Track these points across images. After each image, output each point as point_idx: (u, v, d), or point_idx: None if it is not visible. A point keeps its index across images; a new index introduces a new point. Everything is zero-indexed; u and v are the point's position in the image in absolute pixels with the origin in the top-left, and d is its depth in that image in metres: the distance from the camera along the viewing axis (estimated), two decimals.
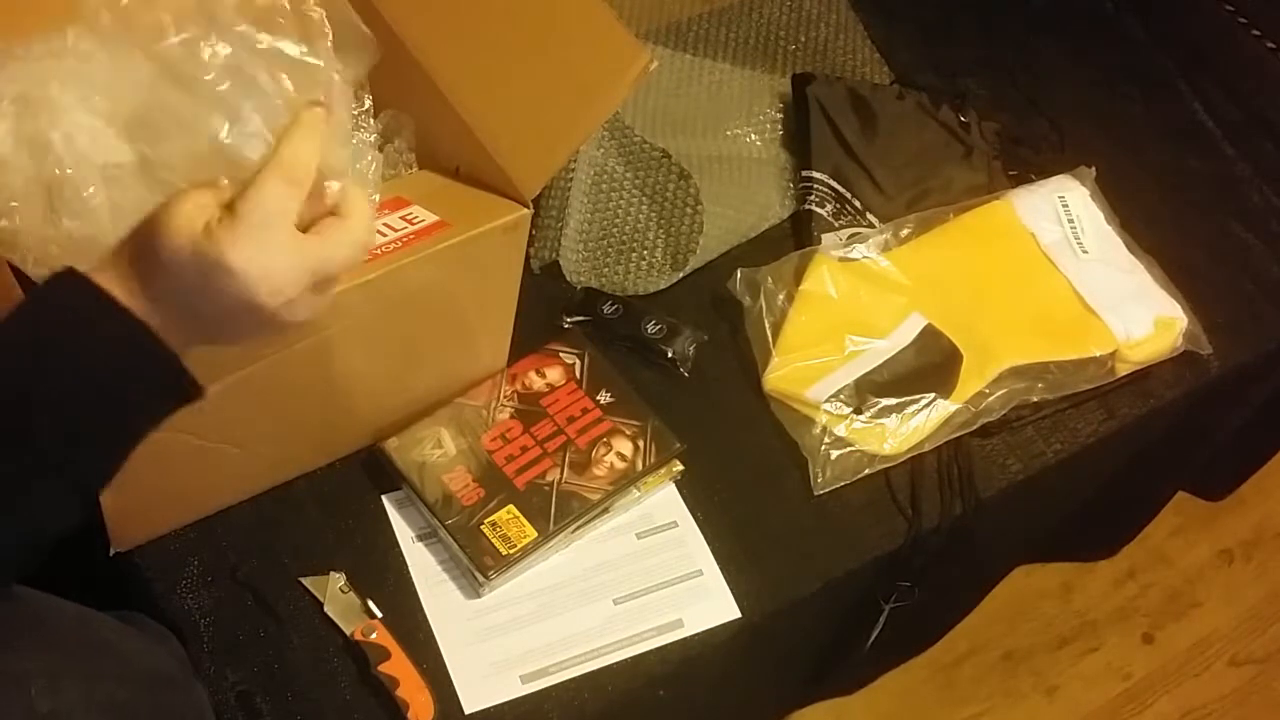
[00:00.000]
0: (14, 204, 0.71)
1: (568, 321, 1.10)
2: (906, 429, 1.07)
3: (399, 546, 0.97)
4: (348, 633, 0.92)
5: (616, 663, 0.94)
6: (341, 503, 0.98)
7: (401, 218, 0.87)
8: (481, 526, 0.95)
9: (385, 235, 0.85)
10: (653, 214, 1.17)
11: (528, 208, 0.87)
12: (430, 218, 0.87)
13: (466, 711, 0.90)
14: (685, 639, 0.96)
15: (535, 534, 0.95)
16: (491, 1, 0.90)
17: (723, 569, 0.99)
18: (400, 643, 0.91)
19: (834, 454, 1.06)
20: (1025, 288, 1.18)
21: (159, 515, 0.93)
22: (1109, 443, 1.15)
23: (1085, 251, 1.20)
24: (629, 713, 0.95)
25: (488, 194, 0.88)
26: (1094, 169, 1.26)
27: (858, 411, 1.07)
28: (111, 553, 0.92)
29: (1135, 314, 1.16)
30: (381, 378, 0.95)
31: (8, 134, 0.71)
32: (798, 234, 1.21)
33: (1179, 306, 1.18)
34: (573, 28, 0.86)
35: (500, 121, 0.87)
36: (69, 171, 0.70)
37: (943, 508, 1.07)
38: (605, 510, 0.99)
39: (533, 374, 1.03)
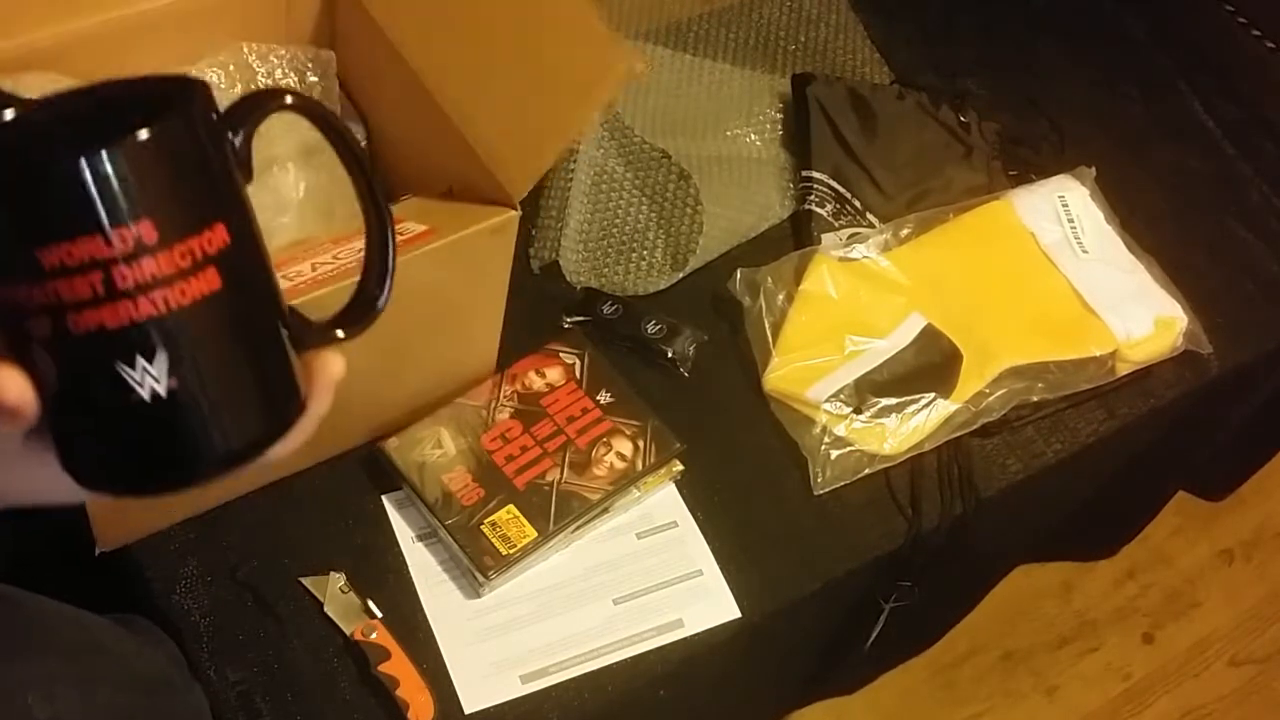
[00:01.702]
0: None
1: (568, 321, 1.10)
2: (906, 429, 1.07)
3: (399, 546, 0.97)
4: (348, 633, 0.92)
5: (616, 663, 0.94)
6: (341, 503, 0.98)
7: None
8: (481, 526, 0.95)
9: None
10: (653, 214, 1.17)
11: (515, 210, 0.87)
12: (418, 228, 0.87)
13: (466, 711, 0.90)
14: (685, 639, 0.96)
15: (535, 534, 0.95)
16: (475, 5, 0.90)
17: (723, 569, 0.99)
18: (400, 643, 0.91)
19: (834, 454, 1.06)
20: (1025, 288, 1.18)
21: (145, 514, 0.92)
22: (1109, 443, 1.15)
23: (1085, 251, 1.20)
24: (629, 713, 0.95)
25: (477, 206, 0.88)
26: (1094, 169, 1.26)
27: (858, 411, 1.07)
28: (98, 552, 0.92)
29: (1135, 314, 1.16)
30: (372, 377, 0.94)
31: None
32: (798, 234, 1.21)
33: (1179, 306, 1.18)
34: (556, 30, 0.86)
35: (487, 125, 0.87)
36: None
37: (943, 508, 1.07)
38: (605, 510, 0.99)
39: (533, 374, 1.03)
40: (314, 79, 0.99)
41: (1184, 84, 1.43)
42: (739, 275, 1.13)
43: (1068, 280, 1.17)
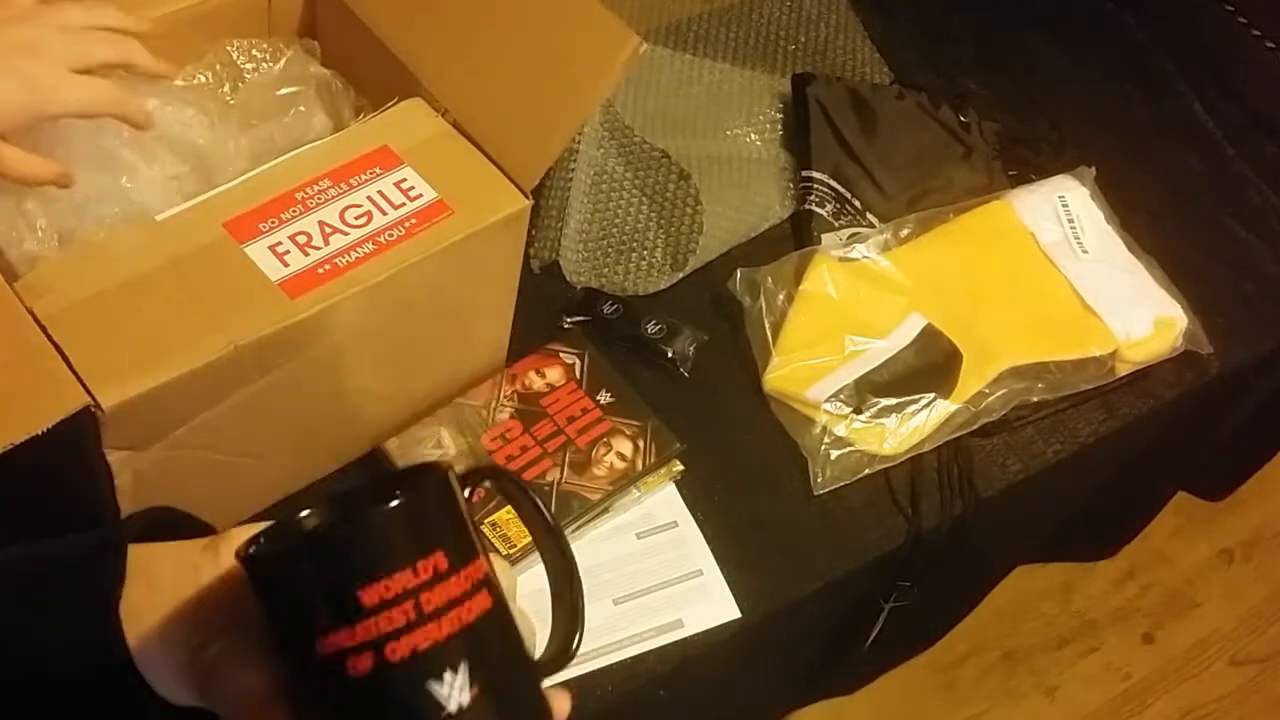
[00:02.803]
0: None
1: (568, 321, 1.10)
2: (906, 429, 1.07)
3: None
4: None
5: (616, 663, 0.94)
6: None
7: (397, 186, 0.85)
8: (481, 526, 0.95)
9: (385, 215, 0.83)
10: (653, 214, 1.17)
11: (528, 198, 0.87)
12: (429, 193, 0.86)
13: None
14: (685, 639, 0.96)
15: None
16: None
17: (723, 569, 0.99)
18: None
19: (834, 454, 1.06)
20: (1025, 288, 1.18)
21: None
22: (1109, 443, 1.15)
23: (1085, 251, 1.20)
24: (629, 713, 0.95)
25: (482, 158, 0.87)
26: (1094, 169, 1.26)
27: (858, 411, 1.07)
28: None
29: (1135, 314, 1.16)
30: (390, 376, 0.94)
31: None
32: (798, 234, 1.21)
33: (1179, 306, 1.18)
34: (558, 17, 0.85)
35: (492, 116, 0.87)
36: None
37: (943, 508, 1.07)
38: (605, 510, 0.99)
39: (533, 374, 1.03)
40: (298, 68, 0.99)
41: (1184, 84, 1.43)
42: (739, 275, 1.13)
43: (1068, 280, 1.17)
